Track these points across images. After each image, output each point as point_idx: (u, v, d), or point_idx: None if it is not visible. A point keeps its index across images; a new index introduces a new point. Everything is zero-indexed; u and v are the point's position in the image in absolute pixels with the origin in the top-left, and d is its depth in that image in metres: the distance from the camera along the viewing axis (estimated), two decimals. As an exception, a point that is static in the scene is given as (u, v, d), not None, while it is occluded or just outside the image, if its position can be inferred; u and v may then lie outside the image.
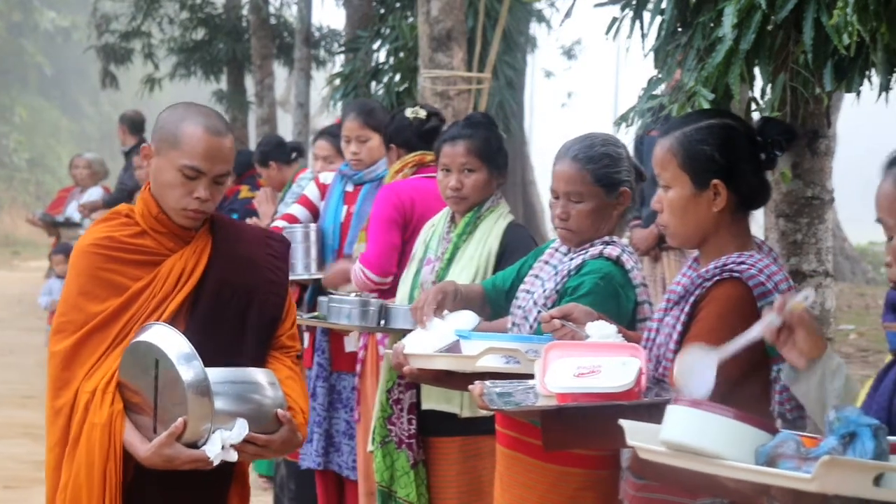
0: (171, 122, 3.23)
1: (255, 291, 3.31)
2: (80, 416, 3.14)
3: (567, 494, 3.38)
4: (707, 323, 2.91)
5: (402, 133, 5.21)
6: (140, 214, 3.28)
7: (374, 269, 5.01)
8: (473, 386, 3.11)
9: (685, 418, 2.34)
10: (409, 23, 10.08)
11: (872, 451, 2.18)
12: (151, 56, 16.10)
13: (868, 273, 18.57)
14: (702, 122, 3.03)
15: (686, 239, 3.06)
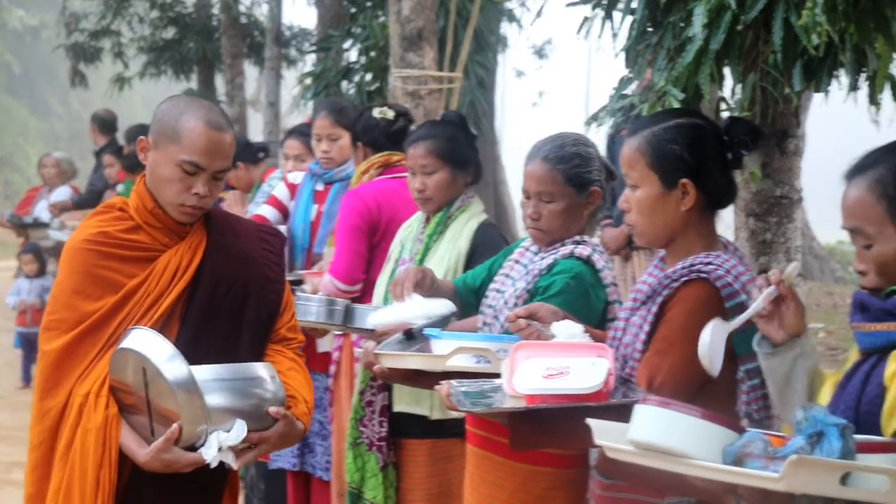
0: (171, 116, 3.16)
1: (250, 287, 3.26)
2: (74, 420, 3.08)
3: (536, 493, 3.39)
4: (675, 323, 2.92)
5: (370, 132, 5.21)
6: (134, 209, 3.21)
7: (342, 278, 5.03)
8: (440, 386, 3.11)
9: (653, 418, 2.35)
10: (380, 22, 10.08)
11: (839, 450, 2.20)
12: (121, 55, 16.02)
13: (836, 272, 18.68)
14: (670, 122, 3.03)
15: (654, 238, 3.06)
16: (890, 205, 2.41)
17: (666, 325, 2.93)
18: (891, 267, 2.42)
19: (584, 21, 4.29)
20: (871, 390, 2.37)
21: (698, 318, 2.89)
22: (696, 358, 2.88)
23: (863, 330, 2.45)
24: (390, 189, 5.07)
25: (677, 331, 2.90)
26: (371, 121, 5.22)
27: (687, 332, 2.87)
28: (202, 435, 3.01)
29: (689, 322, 2.89)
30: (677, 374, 2.86)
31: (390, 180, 5.11)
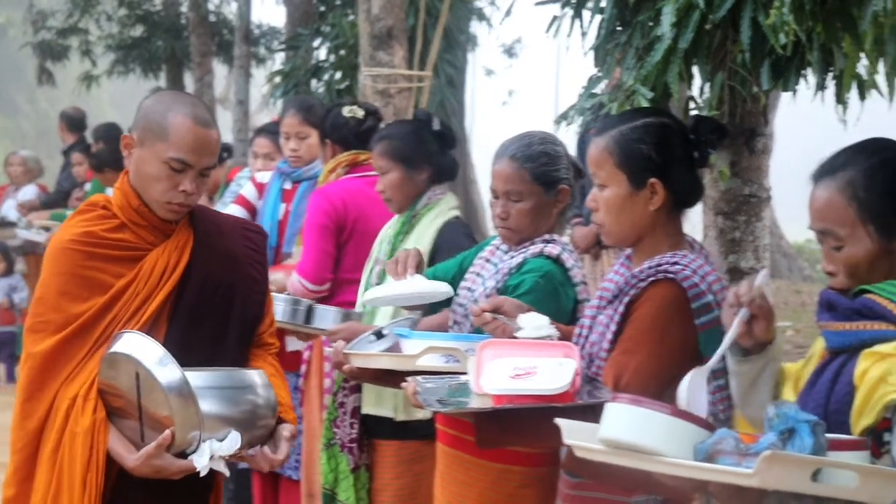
0: (157, 112, 3.09)
1: (237, 288, 3.22)
2: (60, 424, 3.03)
3: (507, 492, 3.39)
4: (641, 323, 2.92)
5: (339, 130, 5.22)
6: (119, 207, 3.14)
7: (310, 278, 5.04)
8: (406, 384, 3.10)
9: (624, 415, 2.35)
10: (349, 20, 10.07)
11: (811, 446, 2.21)
12: (89, 53, 15.93)
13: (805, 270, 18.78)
14: (638, 121, 3.03)
15: (622, 238, 3.06)
16: (860, 207, 2.42)
17: (633, 325, 2.94)
18: (861, 269, 2.43)
19: (553, 20, 4.29)
20: (841, 389, 2.38)
21: (665, 318, 2.90)
22: (662, 358, 2.89)
23: (831, 329, 2.46)
24: (357, 188, 5.09)
25: (644, 331, 2.90)
26: (340, 119, 5.22)
27: (653, 332, 2.88)
28: (194, 442, 2.97)
29: (656, 322, 2.90)
30: (643, 374, 2.87)
31: (357, 179, 5.12)
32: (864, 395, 2.32)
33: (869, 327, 2.38)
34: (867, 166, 2.44)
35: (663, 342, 2.89)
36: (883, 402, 2.29)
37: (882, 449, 2.31)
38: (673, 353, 2.90)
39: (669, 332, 2.89)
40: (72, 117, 11.30)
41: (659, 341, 2.89)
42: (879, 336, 2.36)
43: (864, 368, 2.34)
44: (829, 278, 2.50)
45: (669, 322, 2.89)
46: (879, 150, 2.48)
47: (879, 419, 2.31)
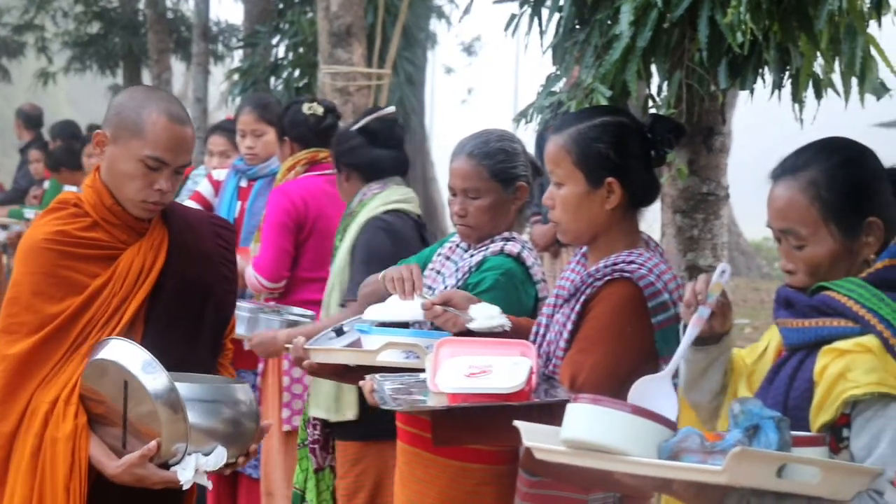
0: (131, 109, 3.03)
1: (212, 288, 3.18)
2: (39, 428, 2.96)
3: (466, 490, 3.39)
4: (598, 322, 2.93)
5: (298, 128, 5.20)
6: (91, 205, 3.07)
7: (266, 275, 5.05)
8: (364, 382, 3.09)
9: (586, 415, 2.34)
10: (308, 18, 10.03)
11: (776, 442, 2.22)
12: (45, 50, 15.81)
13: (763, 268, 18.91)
14: (596, 120, 3.04)
15: (577, 235, 3.07)
16: (823, 206, 2.43)
17: (589, 325, 2.94)
18: (822, 267, 2.45)
19: (512, 18, 4.29)
20: (800, 385, 2.39)
21: (621, 317, 2.91)
22: (618, 356, 2.90)
23: (789, 326, 2.47)
24: (317, 186, 5.09)
25: (600, 330, 2.91)
26: (299, 116, 5.20)
27: (610, 331, 2.89)
28: (178, 453, 2.92)
29: (612, 321, 2.91)
30: (600, 373, 2.88)
31: (317, 177, 5.12)
32: (824, 391, 2.34)
33: (828, 324, 2.39)
34: (829, 165, 2.45)
35: (619, 341, 2.90)
36: (842, 399, 2.31)
37: (840, 444, 2.34)
38: (629, 351, 2.91)
39: (625, 331, 2.90)
40: (28, 115, 11.23)
41: (615, 340, 2.90)
42: (839, 332, 2.37)
43: (823, 365, 2.36)
44: (788, 276, 2.51)
45: (626, 321, 2.90)
46: (840, 150, 2.49)
47: (838, 415, 2.33)
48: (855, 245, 2.45)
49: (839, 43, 3.93)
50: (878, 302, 2.36)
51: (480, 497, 3.37)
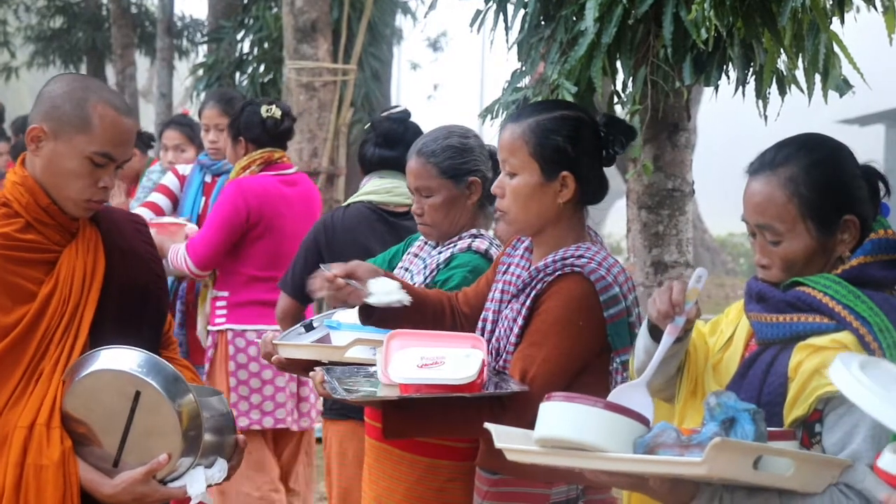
0: (73, 101, 2.79)
1: (149, 288, 3.00)
2: (17, 457, 2.71)
3: (435, 486, 3.39)
4: (549, 316, 2.93)
5: (254, 129, 5.22)
6: (23, 205, 2.82)
7: (197, 262, 5.09)
8: (314, 373, 3.08)
9: (561, 413, 2.34)
10: (273, 13, 10.00)
11: (753, 434, 2.24)
12: (7, 44, 15.68)
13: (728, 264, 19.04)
14: (555, 113, 3.04)
15: (525, 227, 3.05)
16: (801, 203, 2.43)
17: (540, 318, 2.94)
18: (797, 264, 2.46)
19: (477, 14, 4.29)
20: (774, 380, 2.40)
21: (572, 311, 2.92)
22: (570, 350, 2.91)
23: (762, 320, 2.47)
24: (273, 186, 5.15)
25: (552, 324, 2.92)
26: (256, 118, 5.22)
27: (561, 324, 2.90)
28: (180, 468, 2.78)
29: (564, 315, 2.91)
30: (551, 366, 2.89)
31: (273, 177, 5.15)
32: (799, 386, 2.35)
33: (803, 319, 2.40)
34: (808, 162, 2.46)
35: (570, 335, 2.91)
36: (816, 395, 2.32)
37: (813, 440, 2.35)
38: (580, 345, 2.92)
39: (577, 325, 2.91)
40: (-10, 109, 11.19)
41: (566, 334, 2.90)
42: (814, 328, 2.38)
43: (798, 360, 2.37)
44: (762, 271, 2.51)
45: (577, 315, 2.91)
46: (819, 147, 2.50)
47: (811, 410, 2.34)
48: (831, 242, 2.46)
49: (802, 40, 3.95)
50: (853, 299, 2.37)
51: (448, 493, 3.38)
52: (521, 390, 2.84)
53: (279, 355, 3.56)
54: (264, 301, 5.09)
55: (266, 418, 5.07)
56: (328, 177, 8.54)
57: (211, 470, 2.84)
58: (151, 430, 2.75)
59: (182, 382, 2.77)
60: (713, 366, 2.60)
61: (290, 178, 5.22)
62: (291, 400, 5.11)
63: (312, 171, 8.44)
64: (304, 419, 5.17)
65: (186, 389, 2.77)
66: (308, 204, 5.27)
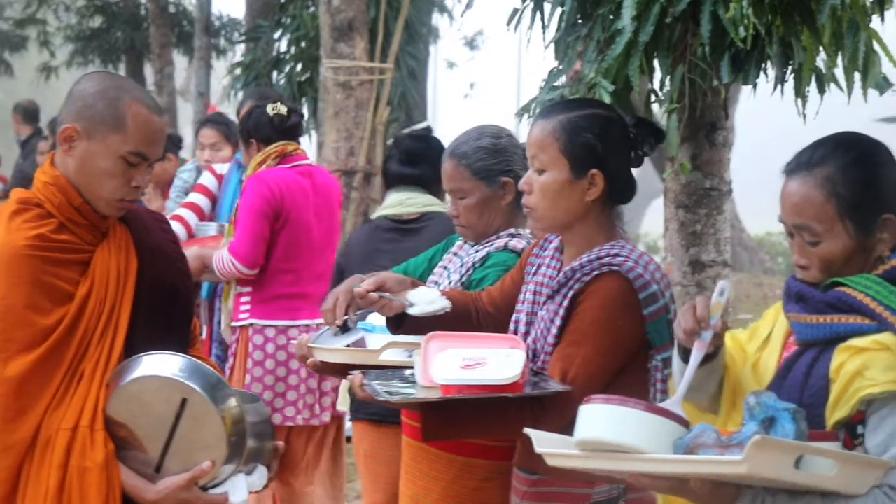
0: (107, 100, 2.78)
1: (178, 287, 3.00)
2: (60, 459, 2.70)
3: (472, 485, 3.38)
4: (588, 316, 2.91)
5: (263, 129, 5.27)
6: (56, 206, 2.81)
7: (244, 261, 5.10)
8: (352, 377, 3.07)
9: (600, 415, 2.33)
10: (310, 12, 10.02)
11: (793, 432, 2.22)
12: (47, 44, 15.81)
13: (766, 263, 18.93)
14: (587, 111, 3.02)
15: (553, 224, 3.03)
16: (839, 203, 2.41)
17: (579, 318, 2.93)
18: (836, 264, 2.43)
19: (514, 12, 4.29)
20: (815, 382, 2.38)
21: (612, 310, 2.90)
22: (610, 350, 2.90)
23: (802, 321, 2.45)
24: (291, 178, 5.19)
25: (590, 323, 2.90)
26: (264, 118, 5.28)
27: (600, 324, 2.89)
28: (222, 475, 2.77)
29: (603, 314, 2.90)
30: (591, 366, 2.88)
31: (289, 169, 5.22)
32: (841, 388, 2.33)
33: (843, 320, 2.38)
34: (846, 161, 2.43)
35: (610, 334, 2.90)
36: (858, 396, 2.30)
37: (855, 441, 2.33)
38: (620, 345, 2.91)
39: (616, 324, 2.90)
40: (26, 109, 11.34)
41: (606, 334, 2.89)
42: (854, 329, 2.36)
43: (840, 362, 2.35)
44: (800, 271, 2.49)
45: (616, 314, 2.90)
46: (856, 145, 2.47)
47: (854, 412, 2.32)
48: (869, 241, 2.43)
49: (842, 38, 3.92)
50: (895, 299, 2.35)
51: (485, 493, 3.37)
52: (563, 390, 2.83)
53: (314, 358, 3.57)
54: (286, 294, 5.13)
55: (275, 415, 5.08)
56: (365, 175, 8.56)
57: (251, 477, 2.84)
58: (196, 436, 2.74)
59: (225, 387, 2.77)
60: (751, 366, 2.59)
61: (305, 170, 5.26)
62: (311, 395, 5.12)
63: (349, 169, 8.46)
64: (325, 413, 5.18)
65: (230, 394, 2.77)
66: (325, 196, 5.28)
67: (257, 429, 2.88)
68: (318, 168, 5.42)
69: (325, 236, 5.28)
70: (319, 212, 5.23)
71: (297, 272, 5.15)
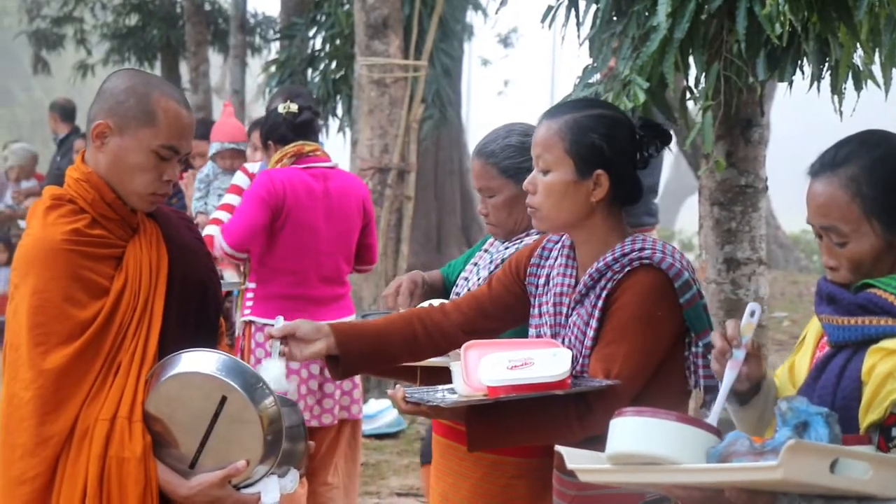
0: (137, 96, 2.83)
1: (207, 283, 3.04)
2: (98, 449, 2.73)
3: (501, 483, 3.38)
4: (626, 312, 2.90)
5: (277, 129, 5.30)
6: (88, 201, 2.86)
7: (229, 240, 5.16)
8: (393, 392, 3.03)
9: (632, 428, 2.32)
10: (345, 10, 10.04)
11: (827, 436, 2.21)
12: (84, 42, 15.90)
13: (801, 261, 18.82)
14: (593, 111, 3.00)
15: (555, 224, 3.02)
16: (865, 203, 2.39)
17: (616, 316, 2.91)
18: (865, 264, 2.41)
19: (549, 10, 4.29)
20: (848, 384, 2.36)
21: (649, 303, 2.89)
22: (652, 343, 2.88)
23: (834, 323, 2.44)
24: (300, 178, 5.19)
25: (630, 319, 2.89)
26: (277, 118, 5.29)
27: (640, 318, 2.87)
28: (255, 475, 2.79)
29: (641, 309, 2.88)
30: (634, 361, 2.86)
31: (302, 170, 5.23)
32: (873, 390, 2.31)
33: (875, 322, 2.36)
34: (870, 161, 2.41)
35: (651, 327, 2.88)
36: (891, 398, 2.28)
37: (890, 444, 2.31)
38: (661, 336, 2.90)
39: (655, 317, 2.88)
40: (63, 107, 11.38)
41: (646, 327, 2.88)
42: (886, 331, 2.34)
43: (871, 364, 2.33)
44: (830, 273, 2.47)
45: (655, 307, 2.88)
46: (880, 143, 2.44)
47: (887, 414, 2.30)
48: None
49: (879, 34, 3.90)
50: None
51: (513, 490, 3.37)
52: (611, 384, 2.82)
53: None
54: (286, 295, 5.15)
55: None
56: (399, 173, 8.57)
57: (284, 479, 2.85)
58: (232, 434, 2.76)
59: (263, 385, 2.79)
60: (788, 368, 2.58)
61: (321, 172, 5.26)
62: (311, 396, 5.13)
63: (383, 167, 8.47)
64: (326, 415, 5.18)
65: (267, 393, 2.78)
66: (341, 199, 5.26)
67: (291, 432, 2.89)
68: (338, 171, 5.38)
69: (337, 240, 5.26)
70: (331, 215, 5.21)
71: (299, 273, 5.16)
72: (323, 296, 5.19)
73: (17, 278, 2.84)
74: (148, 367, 2.83)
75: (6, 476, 2.79)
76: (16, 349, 2.80)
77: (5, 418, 2.80)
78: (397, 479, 6.98)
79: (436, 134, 11.72)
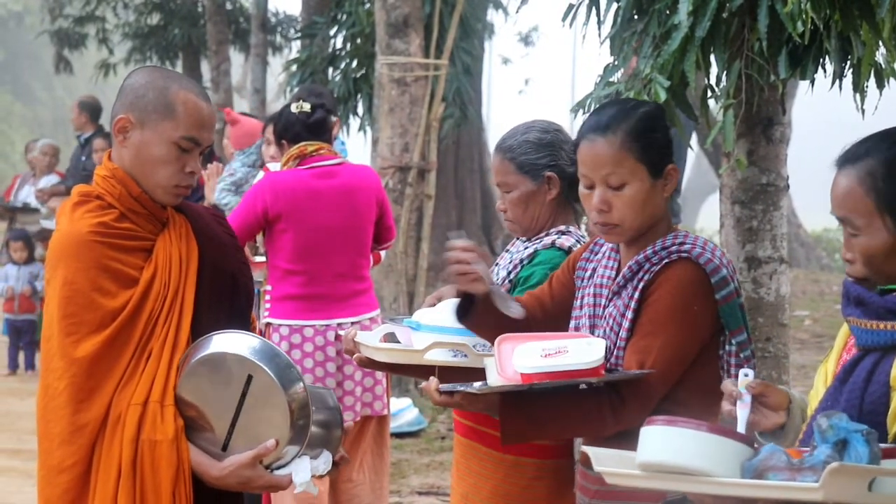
0: (156, 89, 2.88)
1: (237, 276, 3.08)
2: (131, 433, 2.78)
3: (521, 484, 3.39)
4: (662, 305, 2.88)
5: (290, 129, 5.31)
6: (115, 197, 2.91)
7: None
8: (426, 384, 3.02)
9: (663, 437, 2.30)
10: (365, 9, 10.05)
11: (867, 456, 2.17)
12: (106, 41, 15.97)
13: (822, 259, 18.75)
14: (639, 111, 2.96)
15: (638, 232, 2.98)
16: (878, 197, 2.39)
17: (652, 308, 2.89)
18: (877, 259, 2.41)
19: (570, 8, 4.28)
20: (876, 389, 2.34)
21: (685, 297, 2.87)
22: (687, 337, 2.87)
23: (862, 326, 2.42)
24: (300, 181, 5.20)
25: (665, 312, 2.87)
26: (290, 117, 5.30)
27: (675, 311, 2.85)
28: (287, 456, 2.82)
29: (677, 302, 2.87)
30: (669, 354, 2.84)
31: (305, 171, 5.23)
32: None
33: None
34: (888, 156, 2.41)
35: (687, 321, 2.87)
36: None
37: None
38: (696, 330, 2.88)
39: (691, 311, 2.87)
40: (93, 107, 11.39)
41: (682, 321, 2.86)
42: None
43: None
44: (847, 266, 2.47)
45: (691, 301, 2.87)
46: None
47: None
48: None
49: (902, 32, 3.88)
50: None
51: (534, 491, 3.37)
52: (645, 372, 2.80)
53: (360, 353, 3.58)
54: (297, 295, 5.15)
55: None
56: (419, 171, 8.58)
57: (316, 461, 2.87)
58: (261, 415, 2.79)
59: (295, 370, 2.81)
60: (823, 373, 2.56)
61: (326, 171, 5.25)
62: None
63: (404, 165, 8.48)
64: (347, 413, 5.18)
65: (298, 377, 2.81)
66: (351, 195, 5.25)
67: (326, 416, 2.92)
68: (346, 167, 5.35)
69: (348, 235, 5.24)
70: (339, 212, 5.20)
71: (308, 273, 5.15)
72: (339, 293, 5.19)
73: (49, 273, 2.90)
74: (180, 353, 2.87)
75: (46, 465, 2.83)
76: (48, 340, 2.86)
77: (41, 409, 2.85)
78: (418, 478, 6.99)
79: (456, 133, 11.71)
